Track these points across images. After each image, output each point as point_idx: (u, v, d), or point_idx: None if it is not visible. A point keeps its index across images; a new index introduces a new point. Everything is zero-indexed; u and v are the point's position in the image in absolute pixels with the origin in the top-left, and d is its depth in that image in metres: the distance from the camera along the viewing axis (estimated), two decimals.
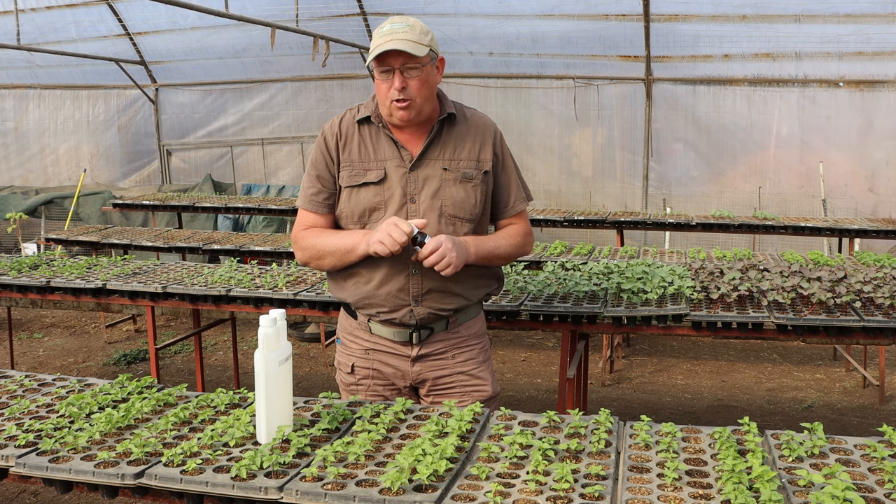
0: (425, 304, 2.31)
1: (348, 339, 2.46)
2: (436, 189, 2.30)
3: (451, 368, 2.38)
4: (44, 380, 2.29)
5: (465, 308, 2.39)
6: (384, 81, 2.23)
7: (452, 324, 2.38)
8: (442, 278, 2.26)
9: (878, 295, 3.16)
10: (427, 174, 2.30)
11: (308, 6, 8.16)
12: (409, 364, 2.37)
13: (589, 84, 8.62)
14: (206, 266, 4.37)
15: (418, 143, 2.32)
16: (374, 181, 2.30)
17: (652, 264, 3.82)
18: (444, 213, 2.30)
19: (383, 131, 2.32)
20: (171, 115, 10.54)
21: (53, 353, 6.48)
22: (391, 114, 2.26)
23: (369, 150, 2.33)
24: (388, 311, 2.32)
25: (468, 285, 2.37)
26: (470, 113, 2.42)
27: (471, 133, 2.36)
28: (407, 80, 2.20)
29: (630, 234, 7.79)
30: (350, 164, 2.33)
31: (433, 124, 2.33)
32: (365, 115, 2.34)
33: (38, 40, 9.40)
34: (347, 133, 2.35)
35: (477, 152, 2.35)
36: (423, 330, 2.35)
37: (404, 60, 2.18)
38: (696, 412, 5.00)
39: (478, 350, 2.44)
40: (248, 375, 5.64)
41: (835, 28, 7.36)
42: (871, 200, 7.90)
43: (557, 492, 1.54)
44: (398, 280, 2.29)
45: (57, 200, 9.35)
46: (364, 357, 2.42)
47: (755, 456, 1.64)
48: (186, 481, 1.61)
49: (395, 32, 2.18)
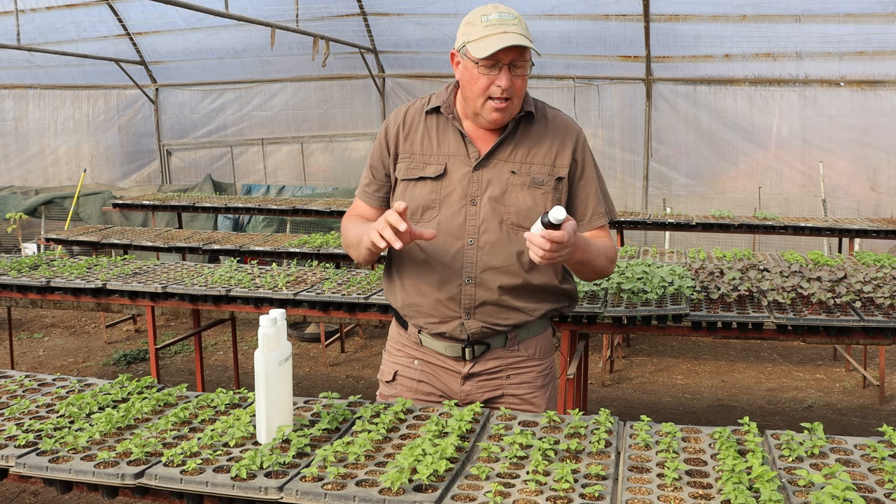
0: (478, 318, 2.09)
1: (395, 347, 2.27)
2: (500, 193, 2.06)
3: (503, 389, 2.16)
4: (44, 380, 2.29)
5: (526, 324, 2.15)
6: (485, 76, 1.97)
7: (511, 340, 2.14)
8: (497, 290, 2.07)
9: (878, 295, 3.15)
10: (492, 176, 2.07)
11: (308, 6, 8.16)
12: (460, 382, 2.16)
13: (589, 84, 8.62)
14: (206, 266, 4.37)
15: (489, 140, 2.10)
16: (432, 176, 2.09)
17: (652, 264, 3.82)
18: (506, 221, 2.06)
19: (452, 123, 2.11)
20: (171, 115, 10.54)
21: (53, 353, 6.48)
22: (481, 114, 2.03)
23: (433, 142, 2.12)
24: (436, 323, 2.12)
25: (531, 300, 2.13)
26: (552, 113, 2.17)
27: (549, 135, 2.12)
28: (513, 79, 1.97)
29: (630, 234, 7.80)
30: (410, 156, 2.13)
31: (508, 122, 2.09)
32: (436, 104, 2.13)
33: (38, 40, 9.40)
34: (412, 123, 2.15)
35: (553, 156, 2.10)
36: (477, 346, 2.12)
37: (514, 57, 1.96)
38: (696, 412, 5.00)
39: (536, 373, 2.19)
40: (248, 375, 5.64)
41: (835, 28, 7.36)
42: (873, 200, 7.90)
43: (557, 492, 1.54)
44: (449, 288, 2.08)
45: (57, 200, 9.35)
46: (410, 367, 2.21)
47: (755, 456, 1.64)
48: (186, 481, 1.61)
49: (507, 24, 1.95)
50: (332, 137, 9.96)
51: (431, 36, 8.66)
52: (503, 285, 2.08)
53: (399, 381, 2.23)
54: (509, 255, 2.07)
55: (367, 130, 9.79)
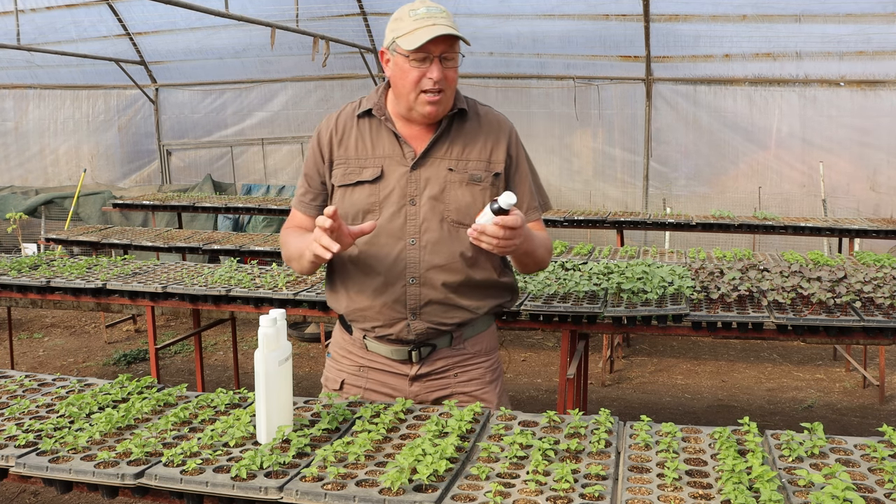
0: (424, 318, 2.10)
1: (340, 353, 2.26)
2: (439, 191, 2.08)
3: (453, 388, 2.18)
4: (44, 380, 2.29)
5: (470, 322, 2.17)
6: (416, 69, 1.98)
7: (457, 339, 2.16)
8: (443, 289, 2.08)
9: (878, 295, 3.15)
10: (430, 174, 2.08)
11: (308, 6, 8.16)
12: (408, 384, 2.17)
13: (589, 84, 8.62)
14: (206, 266, 4.37)
15: (423, 139, 2.11)
16: (369, 180, 2.09)
17: (652, 264, 3.82)
18: (447, 219, 2.08)
19: (385, 125, 2.11)
20: (171, 115, 10.54)
21: (53, 353, 6.48)
22: (414, 108, 2.04)
23: (367, 145, 2.12)
24: (382, 326, 2.12)
25: (475, 297, 2.14)
26: (484, 110, 2.19)
27: (483, 131, 2.14)
28: (444, 71, 1.99)
29: (630, 234, 7.79)
30: (345, 162, 2.12)
31: (441, 120, 2.11)
32: (367, 107, 2.13)
33: (38, 40, 9.40)
34: (345, 128, 2.15)
35: (489, 152, 2.13)
36: (423, 347, 2.14)
37: (445, 48, 1.98)
38: (696, 412, 5.00)
39: (484, 369, 2.21)
40: (248, 375, 5.64)
41: (835, 28, 7.36)
42: (873, 200, 7.90)
43: (557, 492, 1.54)
44: (394, 290, 2.08)
45: (57, 200, 9.35)
46: (357, 374, 2.21)
47: (755, 456, 1.64)
48: (186, 481, 1.61)
49: (435, 17, 1.97)
50: None
51: None
52: (447, 283, 2.09)
53: (346, 389, 2.23)
54: (451, 252, 2.09)
55: None
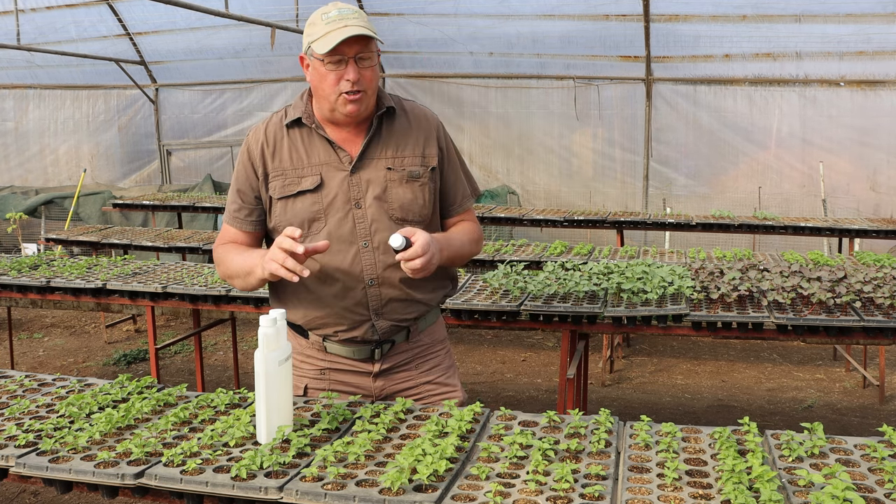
0: (387, 317, 2.13)
1: (298, 359, 2.23)
2: (381, 191, 2.09)
3: (416, 379, 2.23)
4: (44, 380, 2.29)
5: (425, 314, 2.22)
6: (332, 72, 2.00)
7: (413, 332, 2.21)
8: (402, 286, 2.12)
9: (878, 295, 3.15)
10: (370, 176, 2.10)
11: (308, 6, 8.15)
12: (371, 380, 2.20)
13: (589, 84, 8.62)
14: (206, 266, 4.37)
15: (356, 142, 2.12)
16: (310, 188, 2.08)
17: (652, 264, 3.82)
18: (393, 217, 2.10)
19: (317, 132, 2.11)
20: (171, 115, 10.54)
21: (53, 353, 6.48)
22: (336, 108, 2.05)
23: (302, 155, 2.11)
24: (346, 330, 2.13)
25: (427, 289, 2.19)
26: (409, 105, 2.21)
27: (413, 128, 2.16)
28: (361, 71, 2.00)
29: (630, 234, 7.78)
30: (282, 173, 2.11)
31: (370, 120, 2.12)
32: (295, 116, 2.12)
33: (38, 40, 9.40)
34: (275, 139, 2.13)
35: (422, 148, 2.15)
36: (384, 344, 2.17)
37: (359, 48, 1.99)
38: (696, 412, 5.00)
39: (442, 356, 2.29)
40: (248, 375, 5.64)
41: (835, 28, 7.36)
42: (873, 200, 7.90)
43: (557, 492, 1.54)
44: (355, 293, 2.10)
45: (57, 200, 9.35)
46: (319, 378, 2.22)
47: (755, 456, 1.64)
48: (186, 481, 1.61)
49: (346, 18, 1.98)
50: None
51: (431, 36, 8.65)
52: (405, 279, 2.12)
53: (310, 393, 2.23)
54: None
55: None
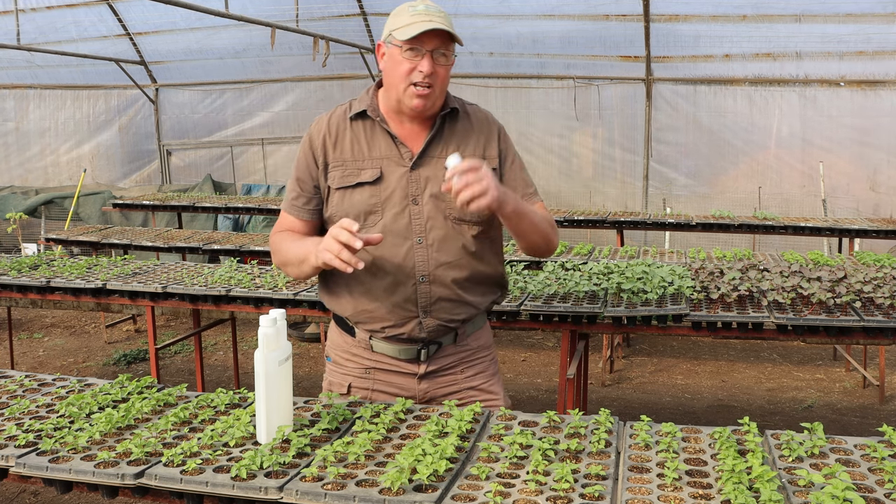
0: (435, 315, 2.12)
1: (343, 357, 2.24)
2: (439, 189, 2.09)
3: (460, 384, 2.22)
4: (44, 380, 2.29)
5: (473, 318, 2.22)
6: (408, 61, 2.01)
7: (461, 336, 2.21)
8: (452, 286, 2.11)
9: (878, 295, 3.15)
10: (430, 174, 2.11)
11: (308, 6, 8.17)
12: (416, 382, 2.19)
13: (589, 84, 8.62)
14: (206, 266, 4.37)
15: (419, 139, 2.14)
16: (369, 181, 2.10)
17: (652, 264, 3.82)
18: (449, 216, 2.11)
19: (380, 126, 2.13)
20: (171, 115, 10.54)
21: (53, 353, 6.48)
22: (403, 100, 2.06)
23: (363, 147, 2.13)
24: (393, 326, 2.12)
25: (477, 292, 2.19)
26: (472, 108, 2.25)
27: (474, 129, 2.20)
28: (435, 67, 2.02)
29: (630, 234, 7.79)
30: (342, 164, 2.13)
31: (434, 119, 2.15)
32: (360, 109, 2.14)
33: (38, 40, 9.40)
34: (338, 130, 2.15)
35: (482, 149, 2.18)
36: (431, 345, 2.16)
37: (438, 44, 2.01)
38: (696, 412, 5.00)
39: (487, 363, 2.28)
40: (248, 375, 5.64)
41: (835, 28, 7.36)
42: (873, 200, 7.91)
43: (557, 492, 1.54)
44: (404, 289, 2.10)
45: (57, 200, 9.35)
46: (363, 377, 2.21)
47: (755, 456, 1.64)
48: (186, 481, 1.61)
49: (432, 14, 2.00)
50: None
51: None
52: (456, 279, 2.13)
53: (354, 392, 2.22)
54: (457, 248, 2.13)
55: None
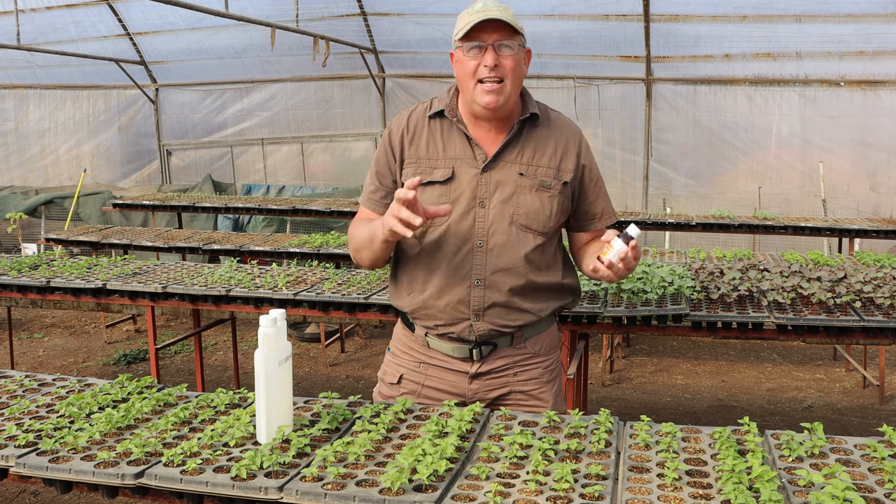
0: (487, 320, 2.10)
1: (401, 349, 2.26)
2: (509, 195, 2.08)
3: (511, 386, 2.18)
4: (44, 380, 2.29)
5: (532, 323, 2.17)
6: (473, 59, 2.00)
7: (518, 339, 2.16)
8: (507, 293, 2.09)
9: (878, 295, 3.15)
10: (501, 178, 2.09)
11: (308, 6, 8.16)
12: (467, 381, 2.16)
13: (589, 84, 8.62)
14: (206, 266, 4.37)
15: (495, 142, 2.11)
16: (441, 180, 2.08)
17: (652, 264, 3.82)
18: (516, 222, 2.08)
19: (457, 126, 2.11)
20: (171, 115, 10.54)
21: (53, 353, 6.48)
22: (475, 100, 2.03)
23: (438, 146, 2.12)
24: (445, 325, 2.12)
25: (538, 300, 2.15)
26: (555, 116, 2.19)
27: (553, 137, 2.14)
28: (500, 59, 1.99)
29: None
30: (416, 161, 2.12)
31: (513, 123, 2.11)
32: (438, 108, 2.13)
33: (38, 40, 9.40)
34: (416, 127, 2.15)
35: (558, 160, 2.13)
36: (484, 346, 2.14)
37: (499, 37, 1.99)
38: (696, 412, 5.00)
39: (542, 369, 2.21)
40: (248, 375, 5.64)
41: (836, 28, 7.36)
42: (873, 200, 7.91)
43: (557, 492, 1.54)
44: (458, 291, 2.09)
45: (57, 200, 9.35)
46: (416, 370, 2.21)
47: (755, 456, 1.64)
48: (186, 481, 1.61)
49: (489, 9, 1.98)
50: (332, 137, 9.96)
51: (431, 36, 8.66)
52: (512, 287, 2.10)
53: (404, 384, 2.23)
54: (517, 256, 2.09)
55: (367, 130, 9.79)
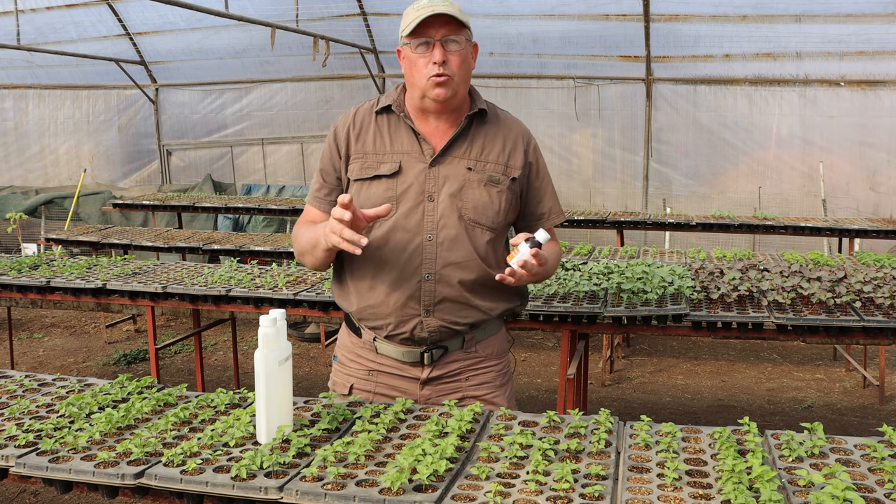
0: (437, 316, 2.08)
1: (349, 357, 2.23)
2: (457, 189, 2.07)
3: (464, 392, 2.16)
4: (44, 380, 2.29)
5: (482, 324, 2.16)
6: (421, 57, 2.01)
7: (469, 342, 2.15)
8: (459, 286, 2.08)
9: (878, 295, 3.16)
10: (449, 172, 2.08)
11: (308, 6, 8.16)
12: (418, 387, 2.15)
13: (589, 84, 8.62)
14: (206, 266, 4.37)
15: (443, 137, 2.11)
16: (387, 174, 2.07)
17: (652, 264, 3.82)
18: (465, 217, 2.08)
19: (404, 121, 2.11)
20: (171, 115, 10.55)
21: (53, 353, 6.48)
22: (426, 94, 2.04)
23: (385, 141, 2.11)
24: (394, 325, 2.10)
25: (489, 298, 2.14)
26: (503, 114, 2.21)
27: (502, 134, 2.15)
28: (447, 55, 2.00)
29: (630, 234, 7.79)
30: (363, 156, 2.11)
31: (461, 119, 2.11)
32: (386, 104, 2.13)
33: (38, 40, 9.40)
34: (363, 123, 2.14)
35: (507, 156, 2.13)
36: (435, 350, 2.12)
37: (446, 32, 2.00)
38: (696, 412, 5.00)
39: (495, 373, 2.21)
40: (248, 375, 5.64)
41: (836, 28, 7.37)
42: (873, 200, 7.91)
43: (557, 492, 1.54)
44: (408, 286, 2.07)
45: (57, 200, 9.35)
46: (366, 378, 2.19)
47: (755, 456, 1.64)
48: (186, 481, 1.61)
49: (434, 4, 1.99)
50: None
51: None
52: (463, 280, 2.09)
53: (355, 393, 2.21)
54: (468, 250, 2.09)
55: None
